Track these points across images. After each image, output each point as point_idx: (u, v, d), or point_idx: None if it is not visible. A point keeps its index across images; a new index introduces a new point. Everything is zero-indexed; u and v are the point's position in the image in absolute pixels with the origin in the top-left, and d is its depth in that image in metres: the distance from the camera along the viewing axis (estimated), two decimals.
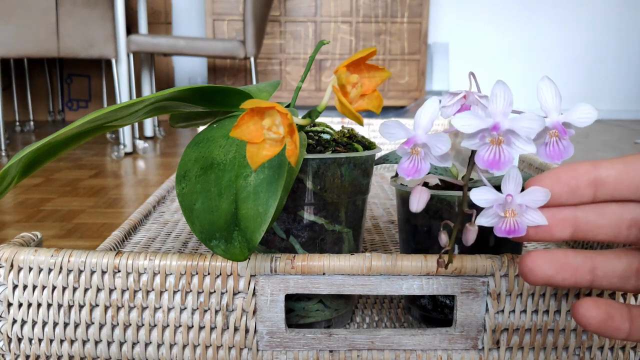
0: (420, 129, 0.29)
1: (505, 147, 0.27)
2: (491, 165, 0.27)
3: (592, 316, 0.26)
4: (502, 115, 0.27)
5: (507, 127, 0.27)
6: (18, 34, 1.83)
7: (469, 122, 0.27)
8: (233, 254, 0.31)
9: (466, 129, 0.27)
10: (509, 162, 0.27)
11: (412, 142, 0.29)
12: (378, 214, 0.75)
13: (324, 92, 2.97)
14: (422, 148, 0.29)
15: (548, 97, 0.28)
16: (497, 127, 0.27)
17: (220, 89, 0.37)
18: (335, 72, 0.29)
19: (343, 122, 1.04)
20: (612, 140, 2.48)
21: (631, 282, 0.26)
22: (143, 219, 0.67)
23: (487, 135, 0.27)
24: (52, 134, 0.32)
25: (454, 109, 0.32)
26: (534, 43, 3.31)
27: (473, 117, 0.27)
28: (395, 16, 2.97)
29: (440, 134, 0.28)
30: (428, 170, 0.29)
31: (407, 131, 0.29)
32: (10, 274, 0.36)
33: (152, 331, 0.36)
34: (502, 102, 0.27)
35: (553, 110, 0.28)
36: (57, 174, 1.65)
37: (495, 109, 0.27)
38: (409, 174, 0.29)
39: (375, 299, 0.49)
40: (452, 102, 0.32)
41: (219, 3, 2.91)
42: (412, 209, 0.30)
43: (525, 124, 0.27)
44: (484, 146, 0.27)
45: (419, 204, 0.30)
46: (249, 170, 0.33)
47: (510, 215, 0.27)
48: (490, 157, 0.27)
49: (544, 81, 0.28)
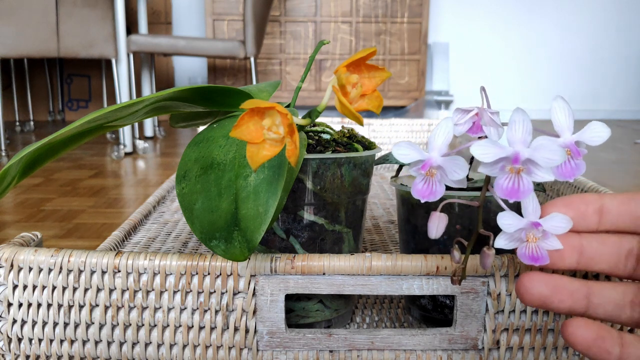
0: (435, 151, 0.28)
1: (524, 175, 0.27)
2: (510, 194, 0.26)
3: (582, 335, 0.26)
4: (521, 143, 0.26)
5: (527, 157, 0.26)
6: (18, 34, 1.83)
7: (488, 151, 0.26)
8: (233, 254, 0.31)
9: (485, 158, 0.26)
10: (528, 191, 0.26)
11: (428, 165, 0.28)
12: (378, 214, 0.75)
13: (324, 92, 2.97)
14: (438, 170, 0.28)
15: (561, 116, 0.28)
16: (518, 158, 0.26)
17: (220, 89, 0.37)
18: (335, 72, 0.29)
19: (343, 122, 1.04)
20: (612, 140, 2.48)
21: (626, 312, 0.26)
22: (143, 219, 0.67)
23: (507, 164, 0.27)
24: (52, 134, 0.32)
25: (466, 126, 0.32)
26: (534, 43, 3.31)
27: (492, 145, 0.26)
28: (395, 16, 2.97)
29: (457, 158, 0.28)
30: (443, 193, 0.28)
31: (420, 152, 0.28)
32: (10, 274, 0.36)
33: (152, 331, 0.36)
34: (521, 130, 0.27)
35: (566, 129, 0.28)
36: (57, 174, 1.65)
37: (514, 136, 0.27)
38: (423, 196, 0.28)
39: (375, 299, 0.49)
40: (464, 120, 0.31)
41: (219, 3, 2.91)
42: (432, 235, 0.30)
43: (546, 154, 0.26)
44: (503, 174, 0.27)
45: (437, 231, 0.30)
46: (249, 170, 0.33)
47: (532, 240, 0.27)
48: (509, 185, 0.27)
49: (557, 101, 0.28)
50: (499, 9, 3.26)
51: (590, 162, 1.92)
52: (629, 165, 1.90)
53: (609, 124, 2.92)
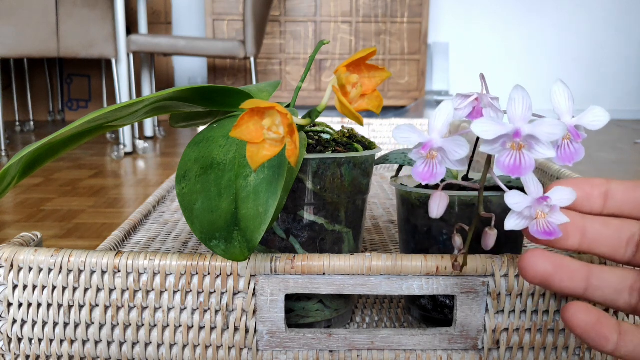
0: (436, 133, 0.28)
1: (526, 152, 0.27)
2: (512, 170, 0.27)
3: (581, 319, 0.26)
4: (522, 120, 0.27)
5: (528, 133, 0.26)
6: (18, 34, 1.83)
7: (488, 128, 0.26)
8: (233, 254, 0.31)
9: (486, 135, 0.26)
10: (530, 167, 0.26)
11: (428, 147, 0.28)
12: (378, 214, 0.75)
13: (324, 92, 2.97)
14: (438, 152, 0.28)
15: (561, 100, 0.28)
16: (519, 133, 0.26)
17: (220, 89, 0.37)
18: (335, 72, 0.29)
19: (343, 122, 1.04)
20: (612, 140, 2.48)
21: (624, 297, 0.27)
22: (143, 219, 0.67)
23: (508, 140, 0.27)
24: (52, 134, 0.32)
25: (466, 111, 0.32)
26: (534, 43, 3.31)
27: (492, 122, 0.27)
28: (395, 16, 2.97)
29: (458, 138, 0.28)
30: (444, 175, 0.28)
31: (421, 135, 0.28)
32: (10, 274, 0.36)
33: (152, 331, 0.36)
34: (521, 107, 0.27)
35: (566, 113, 0.28)
36: (57, 174, 1.65)
37: (514, 113, 0.27)
38: (424, 178, 0.28)
39: (375, 299, 0.49)
40: (464, 105, 0.32)
41: (219, 3, 2.91)
42: (432, 214, 0.30)
43: (547, 129, 0.26)
44: (505, 152, 0.27)
45: (439, 210, 0.30)
46: (249, 170, 0.33)
47: (541, 217, 0.27)
48: (512, 162, 0.27)
49: (557, 85, 0.28)
50: (499, 9, 3.26)
51: (590, 162, 1.92)
52: (629, 165, 1.90)
53: (609, 124, 2.91)
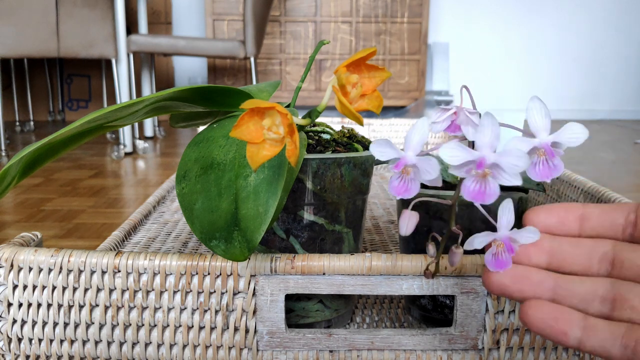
0: (410, 150, 0.29)
1: (490, 179, 0.27)
2: (476, 196, 0.27)
3: (534, 315, 0.27)
4: (488, 148, 0.27)
5: (493, 162, 0.27)
6: (18, 34, 1.83)
7: (455, 154, 0.27)
8: (233, 254, 0.31)
9: (452, 161, 0.27)
10: (494, 194, 0.27)
11: (402, 165, 0.29)
12: (378, 214, 0.75)
13: (324, 92, 2.97)
14: (412, 169, 0.29)
15: (537, 117, 0.29)
16: (482, 163, 0.27)
17: (220, 89, 0.37)
18: (335, 72, 0.29)
19: (343, 122, 1.04)
20: (612, 140, 2.48)
21: (594, 306, 0.27)
22: (143, 219, 0.67)
23: (474, 167, 0.27)
24: (52, 134, 0.32)
25: (444, 125, 0.32)
26: (534, 43, 3.31)
27: (460, 149, 0.27)
28: (395, 16, 2.97)
29: (430, 159, 0.28)
30: (418, 191, 0.29)
31: (396, 151, 0.29)
32: (10, 274, 0.36)
33: (152, 331, 0.36)
34: (489, 135, 0.27)
35: (542, 130, 0.29)
36: (57, 174, 1.65)
37: (482, 141, 0.27)
38: (398, 192, 0.29)
39: (375, 299, 0.49)
40: (442, 119, 0.32)
41: (219, 3, 2.91)
42: (402, 232, 0.30)
43: (511, 160, 0.27)
44: (470, 177, 0.27)
45: (407, 228, 0.30)
46: (249, 170, 0.33)
47: (500, 248, 0.28)
48: (476, 188, 0.27)
49: (533, 101, 0.29)
50: (499, 9, 3.26)
51: (590, 162, 1.92)
52: (629, 165, 1.90)
53: (609, 124, 2.91)
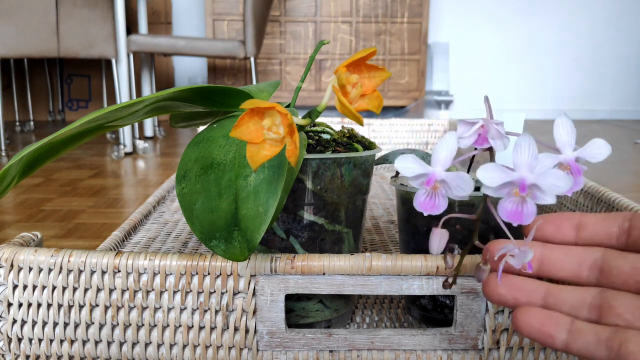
0: (439, 166, 0.28)
1: (529, 199, 0.27)
2: (514, 217, 0.27)
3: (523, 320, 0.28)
4: (527, 169, 0.27)
5: (533, 182, 0.26)
6: (18, 34, 1.83)
7: (493, 175, 0.27)
8: (233, 254, 0.31)
9: (491, 182, 0.27)
10: (532, 214, 0.27)
11: (432, 181, 0.28)
12: (378, 214, 0.75)
13: (324, 92, 2.97)
14: (441, 184, 0.28)
15: (564, 133, 0.29)
16: (524, 185, 0.26)
17: (220, 89, 0.37)
18: (335, 72, 0.29)
19: (343, 122, 1.04)
20: (612, 140, 2.47)
21: (582, 314, 0.27)
22: (143, 219, 0.67)
23: (513, 188, 0.27)
24: (52, 134, 0.32)
25: (471, 139, 0.31)
26: (534, 43, 3.31)
27: (498, 170, 0.27)
28: (395, 16, 2.97)
29: (462, 174, 0.28)
30: (446, 207, 0.28)
31: (423, 166, 0.28)
32: (10, 274, 0.36)
33: (152, 331, 0.36)
34: (527, 155, 0.27)
35: (567, 146, 0.29)
36: (57, 174, 1.65)
37: (520, 161, 0.27)
38: (426, 209, 0.28)
39: (375, 299, 0.49)
40: (469, 134, 0.31)
41: (219, 3, 2.91)
42: (432, 252, 0.30)
43: (552, 181, 0.26)
44: (508, 198, 0.27)
45: (439, 247, 0.30)
46: (249, 170, 0.33)
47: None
48: (514, 209, 0.27)
49: (561, 118, 0.29)
50: (499, 9, 3.26)
51: (590, 162, 1.92)
52: (629, 165, 1.90)
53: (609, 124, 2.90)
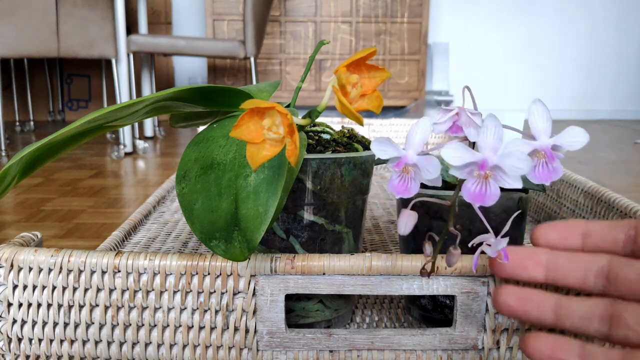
0: (412, 149, 0.29)
1: (492, 181, 0.27)
2: (476, 198, 0.27)
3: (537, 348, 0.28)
4: (491, 150, 0.27)
5: (495, 164, 0.27)
6: (18, 34, 1.83)
7: (458, 155, 0.27)
8: (233, 254, 0.31)
9: (454, 161, 0.27)
10: (494, 196, 0.27)
11: (402, 163, 0.29)
12: (378, 214, 0.75)
13: (324, 92, 2.97)
14: (413, 168, 0.29)
15: (539, 120, 0.29)
16: (485, 164, 0.27)
17: (220, 89, 0.37)
18: (335, 72, 0.29)
19: (343, 122, 1.04)
20: (612, 140, 2.48)
21: (593, 325, 0.28)
22: (143, 219, 0.67)
23: (475, 169, 0.27)
24: (52, 134, 0.32)
25: (446, 125, 0.32)
26: (534, 43, 3.31)
27: (462, 149, 0.27)
28: (395, 16, 2.97)
29: (431, 158, 0.28)
30: (417, 190, 0.29)
31: (397, 149, 0.29)
32: (10, 274, 0.36)
33: (152, 331, 0.36)
34: (492, 137, 0.27)
35: (543, 133, 0.29)
36: (57, 174, 1.65)
37: (484, 142, 0.27)
38: (398, 191, 0.29)
39: (375, 299, 0.49)
40: (444, 119, 0.32)
41: (219, 3, 2.91)
42: (400, 232, 0.30)
43: (514, 162, 0.27)
44: (471, 178, 0.27)
45: (406, 227, 0.30)
46: (249, 170, 0.33)
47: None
48: (477, 190, 0.27)
49: (535, 104, 0.29)
50: (499, 9, 3.26)
51: (590, 162, 1.92)
52: (629, 165, 1.90)
53: (609, 124, 2.90)
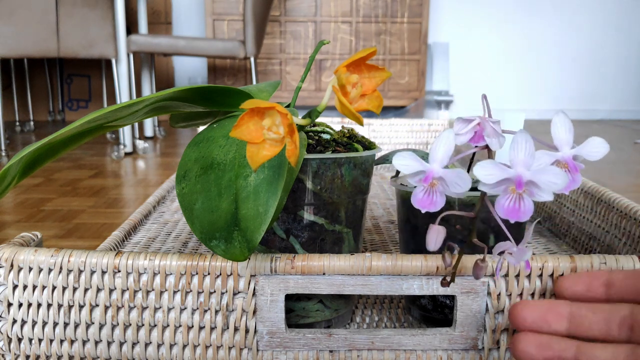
0: (437, 163, 0.28)
1: (526, 197, 0.27)
2: (511, 214, 0.27)
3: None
4: (523, 166, 0.27)
5: (529, 179, 0.27)
6: (18, 34, 1.83)
7: (490, 172, 0.27)
8: (233, 254, 0.31)
9: (488, 180, 0.27)
10: (529, 211, 0.27)
11: (430, 178, 0.28)
12: (378, 214, 0.75)
13: (324, 92, 2.97)
14: (439, 182, 0.28)
15: (561, 131, 0.29)
16: (520, 182, 0.26)
17: (220, 89, 0.37)
18: (335, 72, 0.29)
19: (343, 122, 1.04)
20: (612, 140, 2.48)
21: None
22: (143, 219, 0.67)
23: (509, 185, 0.27)
24: (52, 134, 0.32)
25: (468, 136, 0.32)
26: (534, 43, 3.31)
27: (495, 167, 0.27)
28: (395, 16, 2.97)
29: (460, 171, 0.28)
30: (444, 204, 0.28)
31: (421, 163, 0.28)
32: (10, 274, 0.36)
33: (152, 331, 0.36)
34: (523, 152, 0.27)
35: (565, 144, 0.29)
36: (57, 174, 1.65)
37: (517, 158, 0.27)
38: (423, 206, 0.29)
39: (375, 299, 0.49)
40: (465, 130, 0.31)
41: (219, 3, 2.91)
42: (429, 248, 0.30)
43: (549, 178, 0.26)
44: (505, 194, 0.27)
45: (436, 244, 0.30)
46: (249, 170, 0.33)
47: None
48: (511, 206, 0.27)
49: (558, 116, 0.29)
50: (499, 9, 3.26)
51: (590, 162, 1.92)
52: (629, 165, 1.90)
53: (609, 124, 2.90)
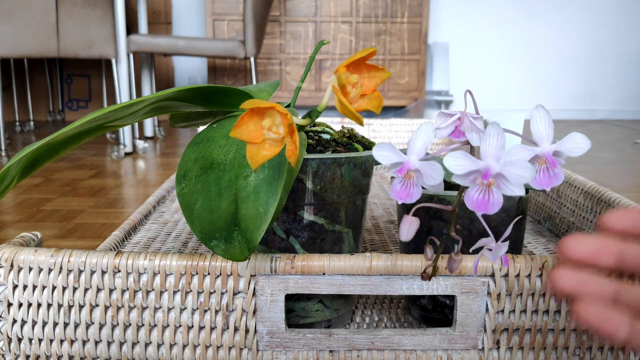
0: (414, 155, 0.29)
1: (494, 189, 0.27)
2: (479, 206, 0.27)
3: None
4: (493, 158, 0.27)
5: (498, 172, 0.27)
6: (18, 34, 1.83)
7: (460, 163, 0.27)
8: (233, 254, 0.31)
9: (457, 170, 0.27)
10: (497, 204, 0.27)
11: (405, 169, 0.29)
12: (378, 214, 0.75)
13: (324, 92, 2.97)
14: (415, 173, 0.29)
15: (540, 126, 0.29)
16: (488, 173, 0.27)
17: (220, 89, 0.37)
18: (335, 72, 0.29)
19: (343, 122, 1.04)
20: (612, 140, 2.48)
21: None
22: (143, 219, 0.67)
23: (478, 176, 0.27)
24: (52, 134, 0.32)
25: (448, 130, 0.32)
26: (534, 43, 3.31)
27: (465, 158, 0.27)
28: (395, 16, 2.97)
29: (434, 164, 0.28)
30: (420, 195, 0.29)
31: (399, 155, 0.29)
32: (10, 274, 0.36)
33: (152, 331, 0.36)
34: (494, 145, 0.27)
35: (544, 139, 0.29)
36: (57, 174, 1.65)
37: (487, 151, 0.27)
38: (400, 197, 0.29)
39: (375, 299, 0.49)
40: (446, 124, 0.32)
41: (219, 3, 2.91)
42: (402, 238, 0.30)
43: (517, 171, 0.27)
44: (474, 186, 0.27)
45: (408, 234, 0.30)
46: (249, 170, 0.33)
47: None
48: (480, 197, 0.27)
49: (537, 110, 0.29)
50: (499, 9, 3.26)
51: (590, 162, 1.92)
52: (629, 165, 1.90)
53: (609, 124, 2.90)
